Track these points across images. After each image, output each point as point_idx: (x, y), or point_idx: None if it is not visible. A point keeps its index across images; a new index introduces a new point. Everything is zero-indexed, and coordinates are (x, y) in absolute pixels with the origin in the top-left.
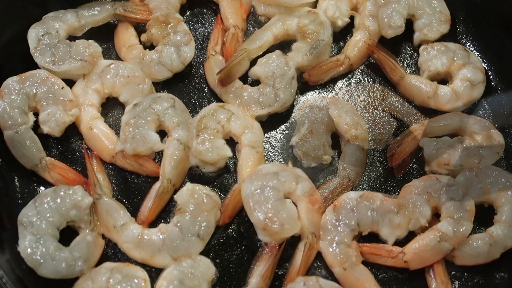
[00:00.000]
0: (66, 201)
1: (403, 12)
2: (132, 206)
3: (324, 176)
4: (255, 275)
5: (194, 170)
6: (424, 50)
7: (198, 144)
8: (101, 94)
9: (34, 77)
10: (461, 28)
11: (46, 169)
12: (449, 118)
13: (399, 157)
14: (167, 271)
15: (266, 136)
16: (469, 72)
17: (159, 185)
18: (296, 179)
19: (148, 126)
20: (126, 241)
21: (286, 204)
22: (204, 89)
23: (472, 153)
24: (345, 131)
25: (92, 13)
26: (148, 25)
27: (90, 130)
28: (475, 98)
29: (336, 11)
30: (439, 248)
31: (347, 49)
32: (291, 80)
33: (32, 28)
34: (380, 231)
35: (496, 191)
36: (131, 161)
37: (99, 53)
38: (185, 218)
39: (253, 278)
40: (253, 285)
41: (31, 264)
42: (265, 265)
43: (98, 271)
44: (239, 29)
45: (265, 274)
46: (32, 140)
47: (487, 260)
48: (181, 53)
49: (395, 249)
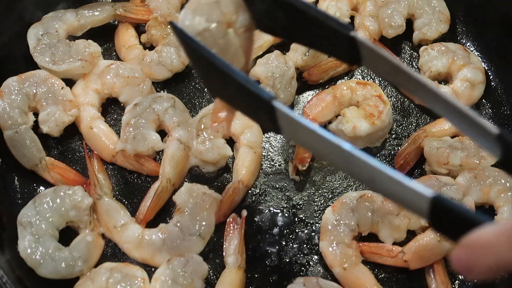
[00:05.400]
0: (66, 202)
1: (403, 12)
2: (132, 206)
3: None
4: (230, 253)
5: (194, 170)
6: (424, 51)
7: (199, 144)
8: (101, 94)
9: (34, 77)
10: (461, 28)
11: (46, 169)
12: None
13: (407, 167)
14: (159, 271)
15: (266, 136)
16: (469, 72)
17: (158, 185)
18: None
19: (148, 126)
20: (127, 241)
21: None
22: (204, 89)
23: (472, 154)
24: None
25: (92, 13)
26: (148, 26)
27: (90, 130)
28: (475, 98)
29: (337, 11)
30: (439, 248)
31: None
32: (291, 80)
33: (32, 28)
34: (379, 232)
35: (496, 191)
36: (132, 160)
37: (99, 53)
38: (185, 218)
39: (229, 257)
40: (232, 263)
41: (31, 264)
42: (236, 240)
43: (98, 271)
44: None
45: (240, 249)
46: (32, 140)
47: None
48: (181, 53)
49: (395, 249)
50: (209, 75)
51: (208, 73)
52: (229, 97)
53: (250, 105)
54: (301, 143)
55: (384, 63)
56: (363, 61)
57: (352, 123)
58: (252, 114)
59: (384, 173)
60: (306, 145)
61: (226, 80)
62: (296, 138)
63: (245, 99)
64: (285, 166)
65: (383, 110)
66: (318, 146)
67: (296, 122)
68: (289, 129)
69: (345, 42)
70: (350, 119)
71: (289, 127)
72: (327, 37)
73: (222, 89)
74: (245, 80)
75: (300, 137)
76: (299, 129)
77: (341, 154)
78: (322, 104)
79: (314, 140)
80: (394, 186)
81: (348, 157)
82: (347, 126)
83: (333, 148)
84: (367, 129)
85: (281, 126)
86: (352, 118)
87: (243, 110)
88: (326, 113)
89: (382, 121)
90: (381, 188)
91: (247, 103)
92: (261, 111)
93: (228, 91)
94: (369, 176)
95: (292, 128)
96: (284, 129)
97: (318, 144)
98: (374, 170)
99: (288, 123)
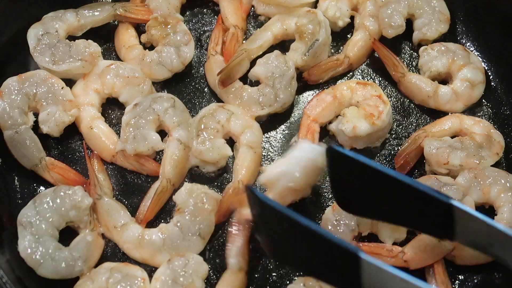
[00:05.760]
0: (66, 202)
1: (403, 12)
2: (132, 206)
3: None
4: (233, 255)
5: (194, 170)
6: (424, 52)
7: (199, 144)
8: (101, 95)
9: (34, 77)
10: (461, 28)
11: (46, 169)
12: (449, 120)
13: (407, 167)
14: (159, 271)
15: (266, 136)
16: (469, 72)
17: (158, 185)
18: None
19: (148, 126)
20: (127, 241)
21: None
22: (204, 89)
23: (472, 154)
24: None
25: (92, 13)
26: (148, 26)
27: (90, 129)
28: (475, 98)
29: (337, 11)
30: (439, 248)
31: (347, 49)
32: (291, 80)
33: (32, 28)
34: (379, 232)
35: (496, 191)
36: (132, 160)
37: (98, 53)
38: (185, 218)
39: (231, 258)
40: (234, 265)
41: (31, 264)
42: (239, 242)
43: (98, 271)
44: (239, 29)
45: (243, 251)
46: (32, 140)
47: (487, 260)
48: (181, 53)
49: (395, 249)
50: (284, 236)
51: (283, 235)
52: (303, 259)
53: (328, 262)
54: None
55: (482, 228)
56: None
57: (352, 123)
58: (329, 272)
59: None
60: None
61: (306, 238)
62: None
63: (324, 255)
64: None
65: (383, 110)
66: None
67: (385, 272)
68: (375, 281)
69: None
70: (350, 119)
71: (375, 279)
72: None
73: (298, 250)
74: (329, 234)
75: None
76: (389, 281)
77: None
78: (322, 105)
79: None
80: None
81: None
82: (347, 126)
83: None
84: (367, 129)
85: (365, 280)
86: (352, 118)
87: (319, 269)
88: (326, 114)
89: (382, 121)
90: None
91: (326, 258)
92: (343, 266)
93: (304, 251)
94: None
95: (379, 281)
96: (369, 283)
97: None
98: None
99: (375, 274)
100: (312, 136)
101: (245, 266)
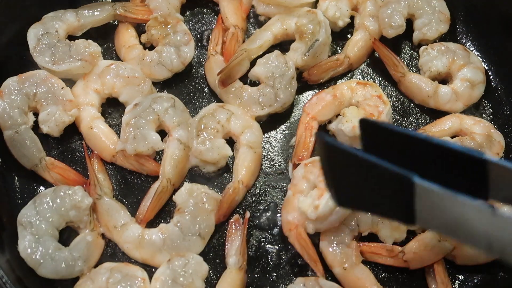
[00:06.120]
0: (66, 202)
1: (403, 12)
2: (132, 206)
3: None
4: (232, 254)
5: (194, 170)
6: (424, 51)
7: (199, 144)
8: (101, 95)
9: (34, 77)
10: (461, 28)
11: (46, 169)
12: (449, 120)
13: None
14: (159, 271)
15: (266, 136)
16: (469, 72)
17: (158, 185)
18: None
19: (148, 126)
20: (127, 241)
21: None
22: (204, 89)
23: None
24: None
25: (92, 13)
26: (148, 26)
27: (90, 129)
28: (475, 98)
29: (337, 11)
30: (439, 247)
31: (347, 49)
32: (291, 80)
33: (32, 28)
34: (379, 232)
35: None
36: (132, 160)
37: (98, 53)
38: (185, 218)
39: (230, 257)
40: (234, 264)
41: (31, 264)
42: (238, 241)
43: (98, 271)
44: (239, 29)
45: (242, 250)
46: (32, 140)
47: (487, 260)
48: (181, 53)
49: (395, 249)
50: (349, 175)
51: (349, 174)
52: (360, 195)
53: (383, 191)
54: (443, 224)
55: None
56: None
57: (352, 122)
58: (383, 202)
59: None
60: (450, 225)
61: (367, 171)
62: (436, 218)
63: (379, 184)
64: (285, 166)
65: (383, 110)
66: (466, 221)
67: (440, 195)
68: (430, 208)
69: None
70: (350, 119)
71: (430, 205)
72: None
73: (356, 184)
74: (383, 161)
75: (442, 216)
76: (443, 203)
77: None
78: (322, 103)
79: (461, 211)
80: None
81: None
82: (346, 126)
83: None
84: None
85: (418, 208)
86: (352, 118)
87: (374, 202)
88: (326, 112)
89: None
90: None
91: (381, 187)
92: (397, 193)
93: (362, 184)
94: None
95: (433, 206)
96: (423, 210)
97: (466, 216)
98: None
99: (429, 200)
100: (309, 133)
101: (245, 265)
